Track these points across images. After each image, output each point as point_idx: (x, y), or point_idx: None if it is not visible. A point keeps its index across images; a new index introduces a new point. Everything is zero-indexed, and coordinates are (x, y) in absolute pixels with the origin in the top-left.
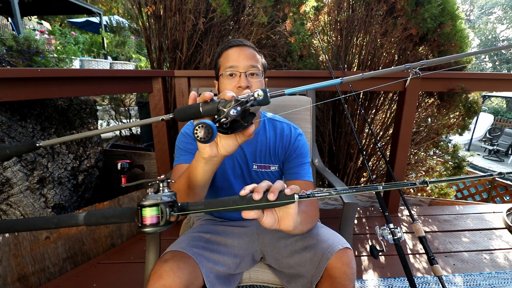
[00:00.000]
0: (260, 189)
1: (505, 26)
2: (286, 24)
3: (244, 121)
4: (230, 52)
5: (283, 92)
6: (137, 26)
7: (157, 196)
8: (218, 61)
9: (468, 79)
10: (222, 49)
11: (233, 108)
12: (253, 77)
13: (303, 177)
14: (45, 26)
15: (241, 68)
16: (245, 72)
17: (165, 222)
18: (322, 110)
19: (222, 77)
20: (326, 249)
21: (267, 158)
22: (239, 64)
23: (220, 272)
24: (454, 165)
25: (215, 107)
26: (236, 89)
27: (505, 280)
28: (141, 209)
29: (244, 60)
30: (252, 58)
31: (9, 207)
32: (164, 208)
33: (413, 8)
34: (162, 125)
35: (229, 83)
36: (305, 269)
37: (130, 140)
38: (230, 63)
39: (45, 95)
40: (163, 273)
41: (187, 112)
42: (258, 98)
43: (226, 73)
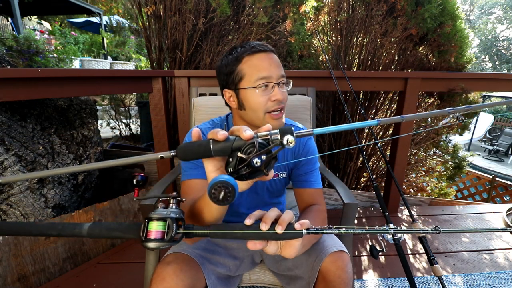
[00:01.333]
0: (268, 220)
1: (505, 26)
2: (286, 24)
3: (266, 170)
4: (259, 59)
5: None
6: (137, 26)
7: (166, 211)
8: (237, 68)
9: (468, 79)
10: (243, 54)
11: (257, 157)
12: (284, 87)
13: (313, 185)
14: (45, 26)
15: (275, 79)
16: (278, 82)
17: (169, 238)
18: (322, 110)
19: (252, 90)
20: (320, 251)
21: (276, 166)
22: (272, 74)
23: (221, 274)
24: (454, 165)
25: (229, 147)
26: (271, 102)
27: (505, 280)
28: (148, 222)
29: (276, 69)
30: (280, 66)
31: (9, 207)
32: (172, 223)
33: (413, 8)
34: (162, 125)
35: (262, 96)
36: (302, 271)
37: (130, 140)
38: (262, 73)
39: (45, 95)
40: (166, 276)
41: (194, 151)
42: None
43: (259, 85)
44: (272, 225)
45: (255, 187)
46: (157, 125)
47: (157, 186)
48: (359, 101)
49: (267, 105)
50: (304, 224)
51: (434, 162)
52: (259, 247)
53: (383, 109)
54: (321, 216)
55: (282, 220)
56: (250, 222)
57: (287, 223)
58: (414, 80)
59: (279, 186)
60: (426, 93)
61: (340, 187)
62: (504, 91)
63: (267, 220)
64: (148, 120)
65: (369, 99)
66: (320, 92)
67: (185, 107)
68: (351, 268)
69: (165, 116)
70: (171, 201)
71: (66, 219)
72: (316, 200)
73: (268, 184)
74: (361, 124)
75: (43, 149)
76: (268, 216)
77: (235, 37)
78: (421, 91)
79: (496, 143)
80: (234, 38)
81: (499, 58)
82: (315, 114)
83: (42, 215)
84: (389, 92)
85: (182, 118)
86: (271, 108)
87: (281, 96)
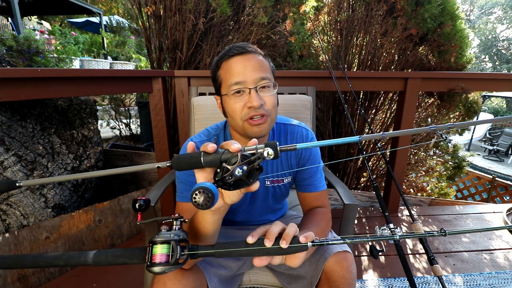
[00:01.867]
0: (272, 236)
1: (505, 26)
2: (286, 24)
3: (248, 180)
4: (233, 64)
5: (295, 146)
6: (137, 26)
7: (169, 233)
8: (217, 74)
9: (468, 79)
10: (221, 59)
11: (239, 167)
12: (265, 90)
13: (318, 188)
14: (45, 26)
15: (250, 83)
16: (255, 87)
17: (174, 261)
18: (322, 110)
19: (228, 96)
20: (324, 251)
21: (280, 171)
22: (246, 79)
23: (223, 275)
24: (454, 165)
25: (217, 159)
26: (247, 109)
27: (505, 280)
28: (152, 246)
29: (252, 72)
30: (261, 68)
31: (9, 207)
32: (175, 246)
33: (413, 8)
34: (162, 125)
35: (237, 102)
36: (304, 270)
37: (130, 140)
38: (235, 79)
39: (45, 95)
40: (167, 281)
41: (187, 162)
42: (267, 157)
43: (231, 91)
44: (276, 239)
45: (262, 195)
46: (157, 125)
47: (157, 187)
48: (359, 101)
49: (243, 112)
50: (309, 237)
51: (434, 162)
52: (265, 263)
53: (383, 109)
54: (326, 219)
55: (287, 235)
56: (253, 241)
57: (292, 237)
58: (414, 80)
59: (283, 191)
60: (426, 93)
61: (340, 187)
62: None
63: (271, 237)
64: (148, 120)
65: (369, 99)
66: (320, 92)
67: (185, 107)
68: (355, 269)
69: (165, 116)
70: (174, 223)
71: (66, 219)
72: (320, 202)
73: (273, 190)
74: (342, 140)
75: (43, 149)
76: (271, 232)
77: (235, 37)
78: (421, 91)
79: (496, 143)
80: (234, 38)
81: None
82: (315, 114)
83: (42, 215)
84: (389, 92)
85: (182, 118)
86: (247, 116)
87: (257, 102)
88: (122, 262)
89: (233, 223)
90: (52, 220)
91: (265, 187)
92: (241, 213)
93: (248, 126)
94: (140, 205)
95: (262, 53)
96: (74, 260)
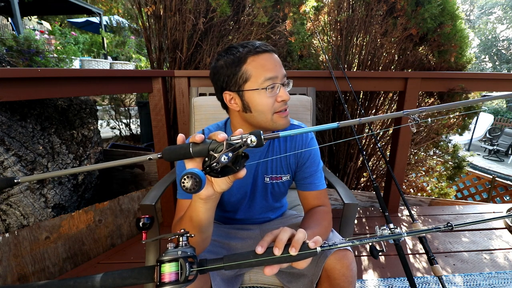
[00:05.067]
0: (281, 244)
1: (505, 26)
2: (286, 24)
3: (235, 166)
4: (263, 60)
5: (278, 134)
6: (137, 26)
7: (177, 251)
8: (241, 69)
9: (468, 79)
10: (248, 54)
11: (225, 154)
12: (286, 87)
13: (318, 187)
14: (45, 26)
15: (280, 79)
16: (282, 83)
17: (184, 279)
18: (322, 110)
19: (257, 91)
20: None
21: (279, 168)
22: (278, 75)
23: (225, 275)
24: (454, 165)
25: (205, 148)
26: (278, 102)
27: (505, 280)
28: (160, 266)
29: (280, 69)
30: (281, 66)
31: (9, 207)
32: (184, 263)
33: (413, 8)
34: (162, 125)
35: (270, 97)
36: (305, 268)
37: (130, 140)
38: (269, 74)
39: (45, 95)
40: None
41: (177, 153)
42: (251, 144)
43: (265, 86)
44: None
45: (260, 191)
46: (157, 125)
47: (157, 186)
48: (359, 101)
49: (275, 106)
50: (318, 242)
51: (434, 162)
52: (275, 271)
53: (383, 109)
54: (327, 218)
55: (296, 242)
56: (262, 251)
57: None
58: (414, 80)
59: (282, 189)
60: (426, 93)
61: (340, 187)
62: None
63: (280, 245)
64: (148, 120)
65: (369, 99)
66: (320, 92)
67: (185, 107)
68: (355, 267)
69: (165, 116)
70: (180, 239)
71: (66, 219)
72: (321, 201)
73: (271, 187)
74: (322, 127)
75: (43, 149)
76: (280, 241)
77: (235, 37)
78: (421, 91)
79: (496, 143)
80: (234, 38)
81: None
82: (315, 114)
83: (42, 215)
84: (389, 92)
85: (182, 118)
86: (278, 109)
87: (287, 96)
88: (130, 283)
89: (234, 221)
90: (52, 220)
91: (264, 183)
92: (241, 210)
93: (278, 118)
94: (144, 223)
95: None
96: (82, 285)
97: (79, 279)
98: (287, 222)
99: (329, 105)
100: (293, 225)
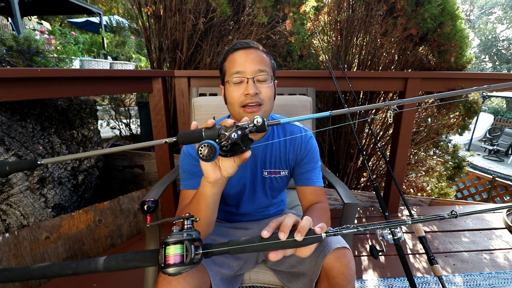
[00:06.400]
0: (286, 228)
1: (505, 26)
2: (286, 24)
3: (243, 145)
4: (236, 56)
5: (279, 121)
6: (137, 26)
7: (182, 233)
8: (223, 66)
9: (468, 79)
10: (227, 53)
11: (234, 132)
12: (262, 82)
13: (315, 183)
14: (45, 26)
15: (249, 74)
16: (253, 77)
17: (189, 261)
18: (322, 110)
19: (228, 84)
20: (323, 247)
21: (277, 163)
22: (246, 69)
23: (225, 274)
24: (454, 165)
25: (216, 132)
26: (244, 96)
27: (505, 280)
28: (165, 247)
29: (252, 64)
30: (260, 62)
31: (9, 207)
32: (189, 245)
33: (413, 8)
34: (162, 125)
35: (236, 90)
36: (305, 267)
37: (130, 140)
38: (236, 68)
39: (45, 95)
40: (172, 279)
41: (190, 136)
42: (257, 124)
43: (232, 79)
44: (290, 232)
45: (259, 185)
46: (157, 125)
47: (157, 186)
48: (359, 101)
49: (240, 99)
50: (324, 228)
51: (434, 162)
52: (280, 256)
53: (383, 109)
54: (326, 215)
55: (302, 227)
56: (268, 235)
57: (307, 230)
58: (414, 80)
59: (280, 184)
60: (426, 93)
61: (340, 187)
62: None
63: (285, 229)
64: (148, 120)
65: (369, 99)
66: (320, 92)
67: (185, 107)
68: (354, 265)
69: (165, 116)
70: (185, 222)
71: (66, 219)
72: (319, 198)
73: (270, 181)
74: (315, 116)
75: (43, 149)
76: (285, 225)
77: (235, 37)
78: (421, 91)
79: (496, 143)
80: (234, 38)
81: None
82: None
83: (42, 215)
84: (389, 92)
85: (182, 118)
86: (244, 102)
87: (252, 90)
88: (134, 266)
89: (236, 216)
90: (52, 220)
91: (263, 177)
92: (243, 205)
93: (243, 112)
94: (149, 206)
95: (264, 50)
96: (84, 267)
97: (82, 262)
98: None
99: (329, 105)
100: None
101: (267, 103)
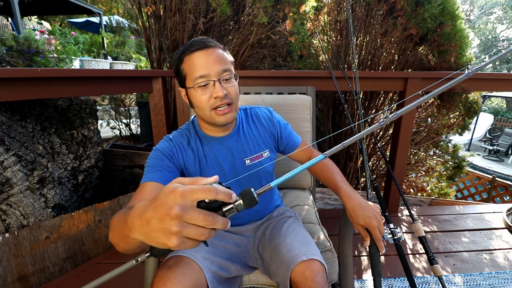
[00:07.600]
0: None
1: (505, 26)
2: (286, 24)
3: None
4: (195, 58)
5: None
6: (137, 26)
7: None
8: (181, 68)
9: (468, 79)
10: (183, 54)
11: None
12: (227, 82)
13: (296, 142)
14: (45, 26)
15: (213, 76)
16: (218, 79)
17: None
18: (322, 110)
19: (194, 89)
20: (290, 259)
21: (257, 147)
22: (210, 72)
23: (222, 276)
24: (454, 165)
25: None
26: (213, 99)
27: (505, 280)
28: None
29: (215, 66)
30: (222, 61)
31: (9, 207)
32: None
33: (413, 8)
34: (162, 125)
35: (203, 93)
36: (279, 279)
37: (130, 140)
38: (199, 72)
39: (45, 95)
40: (167, 281)
41: None
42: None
43: (197, 84)
44: None
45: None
46: (157, 125)
47: None
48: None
49: (210, 102)
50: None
51: (434, 162)
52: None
53: (383, 109)
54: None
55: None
56: None
57: None
58: (414, 80)
59: (267, 167)
60: (426, 93)
61: None
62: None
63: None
64: (148, 120)
65: (369, 99)
66: (320, 92)
67: (185, 107)
68: (324, 277)
69: (165, 116)
70: None
71: (66, 219)
72: (310, 151)
73: (254, 167)
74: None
75: (43, 149)
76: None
77: (235, 37)
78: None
79: (496, 143)
80: (234, 38)
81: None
82: (315, 113)
83: (42, 215)
84: (389, 92)
85: (182, 118)
86: (215, 105)
87: (222, 93)
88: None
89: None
90: (52, 220)
91: (246, 167)
92: None
93: (215, 115)
94: None
95: (221, 46)
96: None
97: None
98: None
99: (329, 105)
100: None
101: (235, 100)
